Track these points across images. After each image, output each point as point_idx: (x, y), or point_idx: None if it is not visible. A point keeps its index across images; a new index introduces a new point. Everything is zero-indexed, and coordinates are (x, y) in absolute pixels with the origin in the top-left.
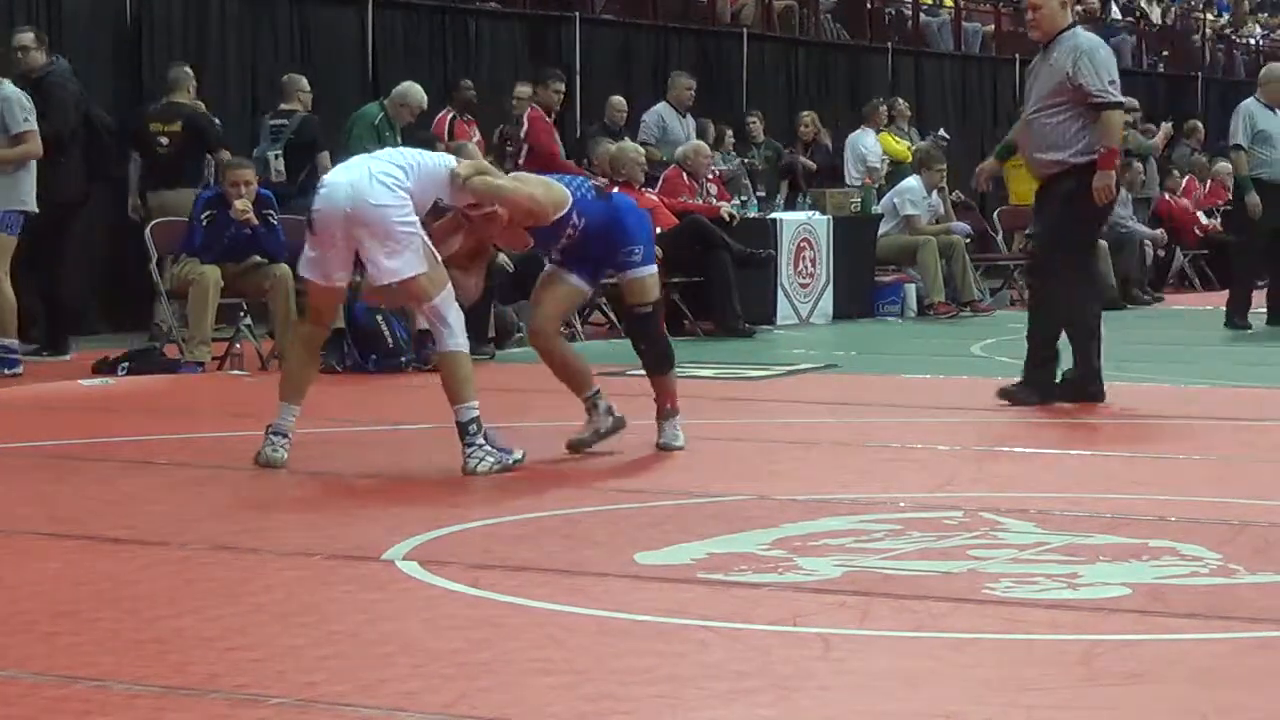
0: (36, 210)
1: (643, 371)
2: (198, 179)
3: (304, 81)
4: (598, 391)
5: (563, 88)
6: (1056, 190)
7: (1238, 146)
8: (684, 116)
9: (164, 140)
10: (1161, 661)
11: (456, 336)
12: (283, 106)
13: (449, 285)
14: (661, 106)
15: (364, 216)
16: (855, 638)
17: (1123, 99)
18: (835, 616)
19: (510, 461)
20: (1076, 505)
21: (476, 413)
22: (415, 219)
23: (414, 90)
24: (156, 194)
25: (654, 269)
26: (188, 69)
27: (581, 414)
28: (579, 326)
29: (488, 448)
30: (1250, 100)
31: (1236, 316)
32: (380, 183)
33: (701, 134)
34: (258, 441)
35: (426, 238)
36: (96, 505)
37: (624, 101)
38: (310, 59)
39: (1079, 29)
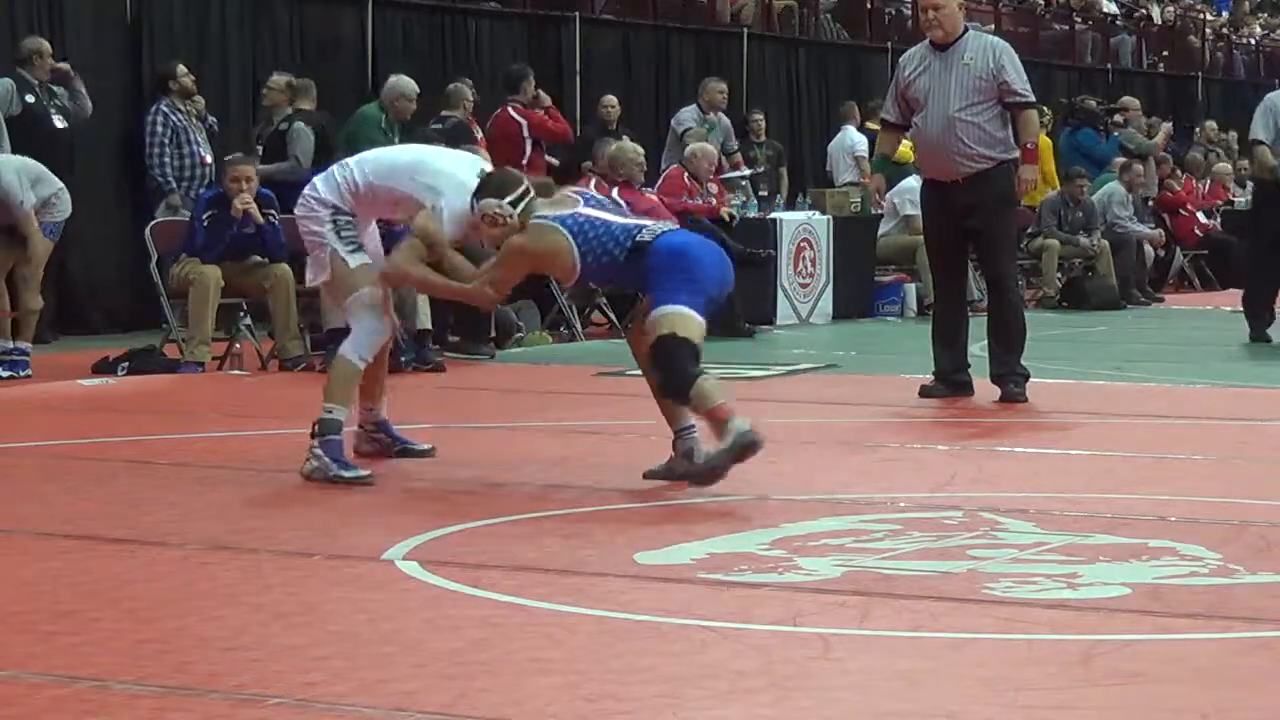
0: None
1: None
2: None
3: (468, 91)
4: (689, 429)
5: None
6: (989, 190)
7: (1258, 141)
8: (711, 118)
9: None
10: (1161, 661)
11: (347, 345)
12: (444, 112)
13: (357, 293)
14: (691, 109)
15: None
16: (855, 638)
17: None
18: (835, 616)
19: (333, 473)
20: (1076, 505)
21: (328, 418)
22: (323, 228)
23: (404, 80)
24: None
25: (669, 309)
26: (309, 81)
27: (576, 416)
28: (578, 327)
29: (318, 452)
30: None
31: (1256, 327)
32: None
33: (728, 135)
34: (257, 441)
35: (337, 245)
36: (96, 505)
37: (615, 100)
38: (310, 59)
39: (973, 29)
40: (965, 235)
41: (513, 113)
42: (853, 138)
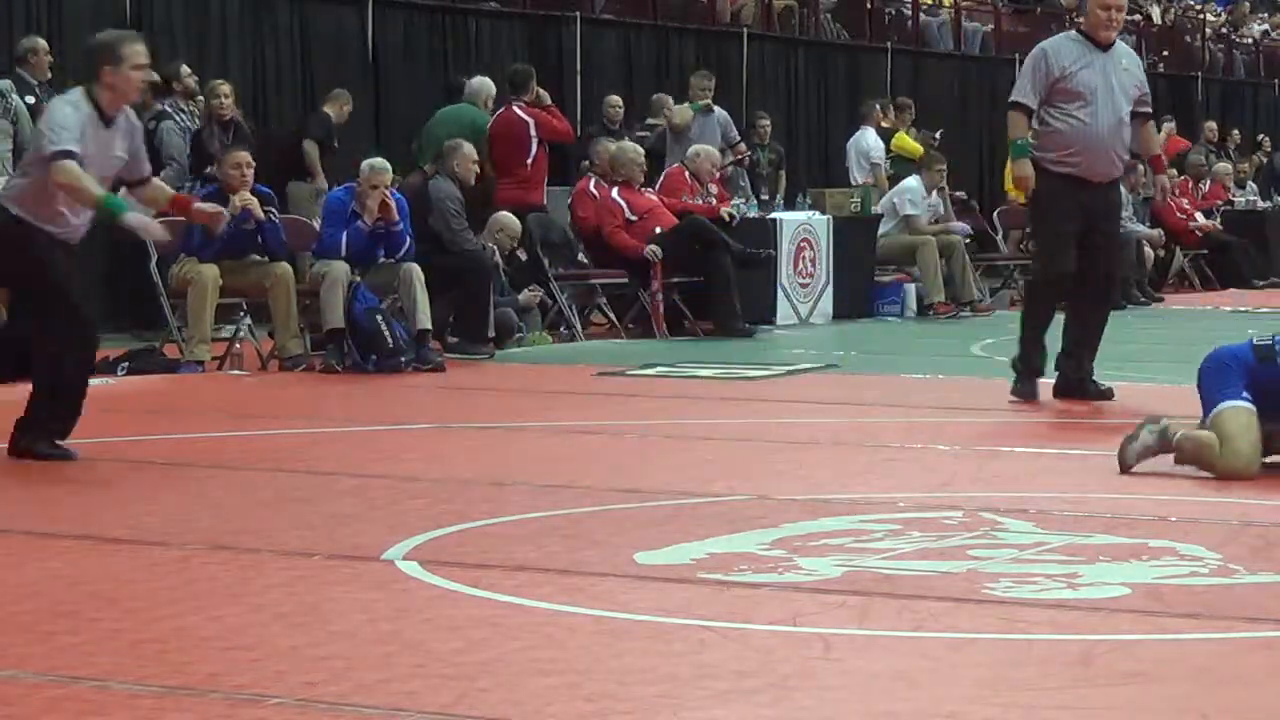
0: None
1: (644, 371)
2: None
3: (669, 100)
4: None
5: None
6: (1115, 196)
7: None
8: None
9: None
10: (1161, 661)
11: None
12: (649, 121)
13: None
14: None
15: None
16: (855, 638)
17: None
18: (835, 616)
19: None
20: (1076, 505)
21: None
22: None
23: (488, 82)
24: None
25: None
26: (344, 91)
27: (576, 416)
28: (579, 327)
29: None
30: None
31: None
32: None
33: (726, 130)
34: (257, 441)
35: None
36: (96, 505)
37: (620, 100)
38: (310, 59)
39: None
40: (1086, 234)
41: (519, 111)
42: (869, 140)
